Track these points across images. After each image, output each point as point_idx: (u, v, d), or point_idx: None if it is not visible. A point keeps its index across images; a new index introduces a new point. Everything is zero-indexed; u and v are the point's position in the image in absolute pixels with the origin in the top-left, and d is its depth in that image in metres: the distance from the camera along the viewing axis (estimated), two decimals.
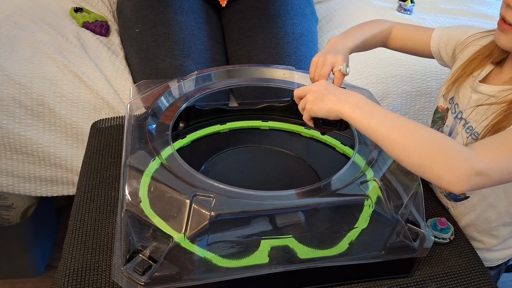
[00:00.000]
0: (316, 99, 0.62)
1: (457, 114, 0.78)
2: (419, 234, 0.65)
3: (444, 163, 0.54)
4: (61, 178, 1.15)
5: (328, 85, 0.64)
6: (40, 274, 1.33)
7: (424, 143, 0.55)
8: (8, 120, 1.05)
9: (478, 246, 0.81)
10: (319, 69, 0.73)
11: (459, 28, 0.83)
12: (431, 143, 0.55)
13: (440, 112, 0.83)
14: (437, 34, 0.84)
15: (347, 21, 1.34)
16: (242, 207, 0.58)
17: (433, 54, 0.85)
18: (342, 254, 0.62)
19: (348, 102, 0.59)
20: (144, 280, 0.56)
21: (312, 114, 0.64)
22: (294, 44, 1.13)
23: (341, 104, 0.59)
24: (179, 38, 1.08)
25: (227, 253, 0.60)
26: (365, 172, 0.65)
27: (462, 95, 0.77)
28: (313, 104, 0.63)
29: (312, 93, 0.64)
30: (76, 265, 0.65)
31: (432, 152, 0.54)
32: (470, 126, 0.74)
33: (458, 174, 0.53)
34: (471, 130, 0.74)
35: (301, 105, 0.66)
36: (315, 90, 0.63)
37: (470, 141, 0.74)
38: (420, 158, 0.55)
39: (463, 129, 0.76)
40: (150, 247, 0.58)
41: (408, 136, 0.56)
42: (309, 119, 0.66)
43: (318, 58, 0.74)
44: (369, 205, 0.61)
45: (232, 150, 0.82)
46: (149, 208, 0.59)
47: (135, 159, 0.63)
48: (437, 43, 0.84)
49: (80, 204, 0.75)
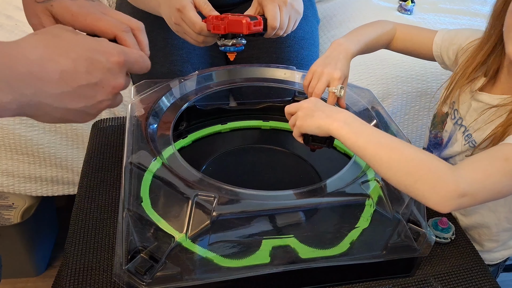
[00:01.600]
0: (306, 115, 0.63)
1: (457, 120, 0.78)
2: (420, 234, 0.65)
3: (429, 183, 0.54)
4: (61, 178, 1.15)
5: (318, 101, 0.65)
6: (41, 273, 1.33)
7: (410, 162, 0.55)
8: (8, 121, 1.05)
9: (477, 248, 0.80)
10: (315, 82, 0.73)
11: (461, 32, 0.82)
12: (417, 163, 0.55)
13: (440, 116, 0.83)
14: (439, 38, 0.83)
15: (348, 21, 1.34)
16: (244, 207, 0.58)
17: (435, 57, 0.85)
18: (343, 254, 0.62)
19: (337, 119, 0.60)
20: (145, 280, 0.56)
21: (302, 130, 0.64)
22: (296, 48, 1.12)
23: (330, 120, 0.60)
24: (178, 43, 1.07)
25: (228, 253, 0.60)
26: (366, 171, 0.65)
27: (462, 101, 0.77)
28: (303, 120, 0.63)
29: (302, 109, 0.64)
30: (77, 265, 0.65)
31: (418, 171, 0.55)
32: (469, 134, 0.74)
33: (442, 194, 0.54)
34: (469, 138, 0.74)
35: (292, 121, 0.66)
36: (305, 107, 0.64)
37: (467, 148, 0.75)
38: (405, 177, 0.55)
39: (462, 136, 0.76)
40: (152, 247, 0.58)
41: (394, 154, 0.56)
42: (299, 135, 0.66)
43: (316, 68, 0.74)
44: (370, 204, 0.61)
45: (233, 150, 0.82)
46: (151, 208, 0.59)
47: (136, 158, 0.63)
48: (439, 47, 0.83)
49: (81, 204, 0.75)
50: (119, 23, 0.50)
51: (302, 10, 0.87)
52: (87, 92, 0.44)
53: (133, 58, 0.48)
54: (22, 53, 0.40)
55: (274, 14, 0.78)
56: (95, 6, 0.52)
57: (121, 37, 0.50)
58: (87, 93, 0.44)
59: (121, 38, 0.50)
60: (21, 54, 0.40)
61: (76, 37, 0.45)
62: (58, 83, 0.42)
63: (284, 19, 0.81)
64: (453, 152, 0.78)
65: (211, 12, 0.79)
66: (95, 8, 0.52)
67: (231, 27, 0.73)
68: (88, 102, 0.45)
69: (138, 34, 0.52)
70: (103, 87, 0.45)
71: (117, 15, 0.52)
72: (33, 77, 0.40)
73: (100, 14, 0.51)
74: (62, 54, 0.42)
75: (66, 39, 0.44)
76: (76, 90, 0.43)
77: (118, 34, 0.50)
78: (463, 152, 0.76)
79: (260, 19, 0.76)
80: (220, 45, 0.77)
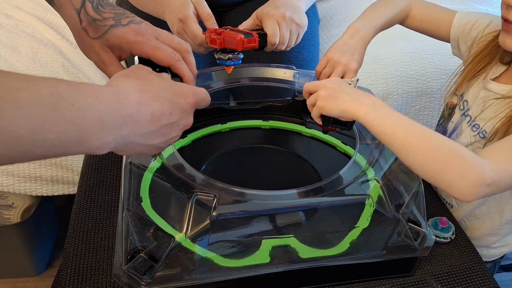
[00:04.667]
0: (330, 96, 0.59)
1: (465, 111, 0.76)
2: (420, 234, 0.65)
3: (457, 171, 0.53)
4: (61, 178, 1.15)
5: (342, 82, 0.61)
6: (41, 273, 1.33)
7: (438, 150, 0.54)
8: None
9: (477, 244, 0.80)
10: (329, 70, 0.70)
11: (482, 18, 0.77)
12: (446, 150, 0.54)
13: (450, 108, 0.80)
14: (458, 21, 0.78)
15: (348, 20, 1.34)
16: (243, 207, 0.58)
17: (451, 40, 0.80)
18: (343, 254, 0.62)
19: (365, 104, 0.57)
20: (145, 280, 0.56)
21: (323, 112, 0.61)
22: (295, 48, 1.12)
23: (357, 104, 0.57)
24: None
25: (228, 252, 0.60)
26: (366, 171, 0.65)
27: (472, 91, 0.75)
28: (326, 101, 0.59)
29: (325, 89, 0.60)
30: (77, 264, 0.65)
31: (446, 159, 0.54)
32: (476, 124, 0.72)
33: (469, 183, 0.53)
34: (478, 128, 0.72)
35: (311, 101, 0.62)
36: (329, 87, 0.60)
37: (478, 139, 0.73)
38: (433, 165, 0.54)
39: (469, 127, 0.74)
40: (151, 246, 0.58)
41: (424, 142, 0.55)
42: (318, 116, 0.63)
43: (332, 56, 0.71)
44: (370, 204, 0.61)
45: (233, 149, 0.82)
46: (150, 207, 0.59)
47: (136, 158, 0.63)
48: (457, 31, 0.79)
49: (81, 203, 0.75)
50: (173, 53, 0.56)
51: (305, 23, 0.84)
52: (166, 130, 0.48)
53: (201, 97, 0.53)
54: (125, 97, 0.44)
55: (273, 30, 0.77)
56: (147, 30, 0.56)
57: (176, 67, 0.56)
58: (166, 131, 0.48)
59: (177, 68, 0.56)
60: (124, 98, 0.44)
61: (162, 81, 0.49)
62: (148, 123, 0.46)
63: (285, 34, 0.79)
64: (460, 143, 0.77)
65: (212, 26, 0.79)
66: (148, 33, 0.56)
67: (226, 43, 0.73)
68: (164, 139, 0.49)
69: (187, 57, 0.58)
70: (178, 125, 0.50)
71: (167, 39, 0.57)
72: (131, 120, 0.44)
73: (154, 42, 0.56)
74: (153, 98, 0.46)
75: (154, 83, 0.48)
76: (159, 129, 0.47)
77: (174, 64, 0.56)
78: (473, 143, 0.74)
79: (255, 36, 0.75)
80: (217, 58, 0.77)
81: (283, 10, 0.79)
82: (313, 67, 1.13)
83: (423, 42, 1.21)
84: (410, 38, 1.23)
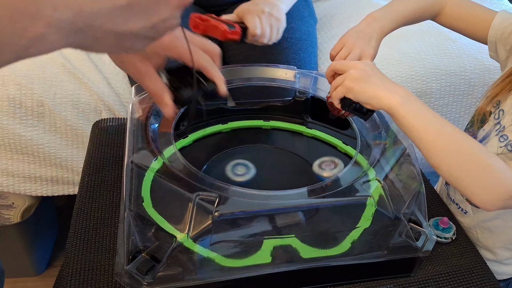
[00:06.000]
0: (361, 78, 0.55)
1: (500, 121, 0.70)
2: (421, 234, 0.65)
3: (483, 180, 0.52)
4: (61, 178, 1.15)
5: (375, 67, 0.58)
6: (41, 273, 1.33)
7: (467, 156, 0.52)
8: (8, 121, 1.05)
9: (488, 257, 0.77)
10: (345, 52, 0.66)
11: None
12: (475, 158, 0.52)
13: (481, 114, 0.75)
14: (498, 23, 0.71)
15: (348, 20, 1.34)
16: (245, 207, 0.58)
17: (488, 43, 0.74)
18: (344, 254, 0.62)
19: (398, 94, 0.54)
20: (147, 280, 0.56)
21: (349, 94, 0.56)
22: (293, 50, 1.12)
23: (390, 94, 0.54)
24: None
25: (229, 252, 0.60)
26: (368, 172, 0.65)
27: (510, 104, 0.69)
28: (356, 82, 0.55)
29: (356, 70, 0.56)
30: (78, 264, 0.65)
31: (473, 166, 0.52)
32: (505, 135, 0.67)
33: (493, 194, 0.52)
34: (505, 139, 0.67)
35: (339, 81, 0.58)
36: (361, 68, 0.56)
37: (506, 151, 0.68)
38: (459, 170, 0.52)
39: (496, 136, 0.69)
40: (153, 247, 0.58)
41: (454, 146, 0.53)
42: (339, 98, 0.58)
43: (347, 39, 0.68)
44: (372, 204, 0.61)
45: (234, 149, 0.82)
46: (152, 207, 0.59)
47: (137, 158, 0.63)
48: (495, 34, 0.72)
49: (82, 204, 0.75)
50: (205, 57, 0.56)
51: (283, 17, 0.90)
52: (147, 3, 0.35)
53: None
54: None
55: (254, 23, 0.81)
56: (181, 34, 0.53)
57: (209, 71, 0.57)
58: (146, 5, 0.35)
59: (209, 72, 0.57)
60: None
61: None
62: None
63: (265, 27, 0.84)
64: None
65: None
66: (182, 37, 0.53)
67: (209, 31, 0.75)
68: (147, 22, 0.35)
69: (216, 60, 0.59)
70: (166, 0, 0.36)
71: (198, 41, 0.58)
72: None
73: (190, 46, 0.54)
74: None
75: None
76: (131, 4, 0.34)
77: (207, 68, 0.57)
78: (499, 154, 0.69)
79: (238, 29, 0.78)
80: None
81: (262, 7, 0.84)
82: (312, 67, 1.14)
83: (423, 42, 1.21)
84: (410, 39, 1.23)
